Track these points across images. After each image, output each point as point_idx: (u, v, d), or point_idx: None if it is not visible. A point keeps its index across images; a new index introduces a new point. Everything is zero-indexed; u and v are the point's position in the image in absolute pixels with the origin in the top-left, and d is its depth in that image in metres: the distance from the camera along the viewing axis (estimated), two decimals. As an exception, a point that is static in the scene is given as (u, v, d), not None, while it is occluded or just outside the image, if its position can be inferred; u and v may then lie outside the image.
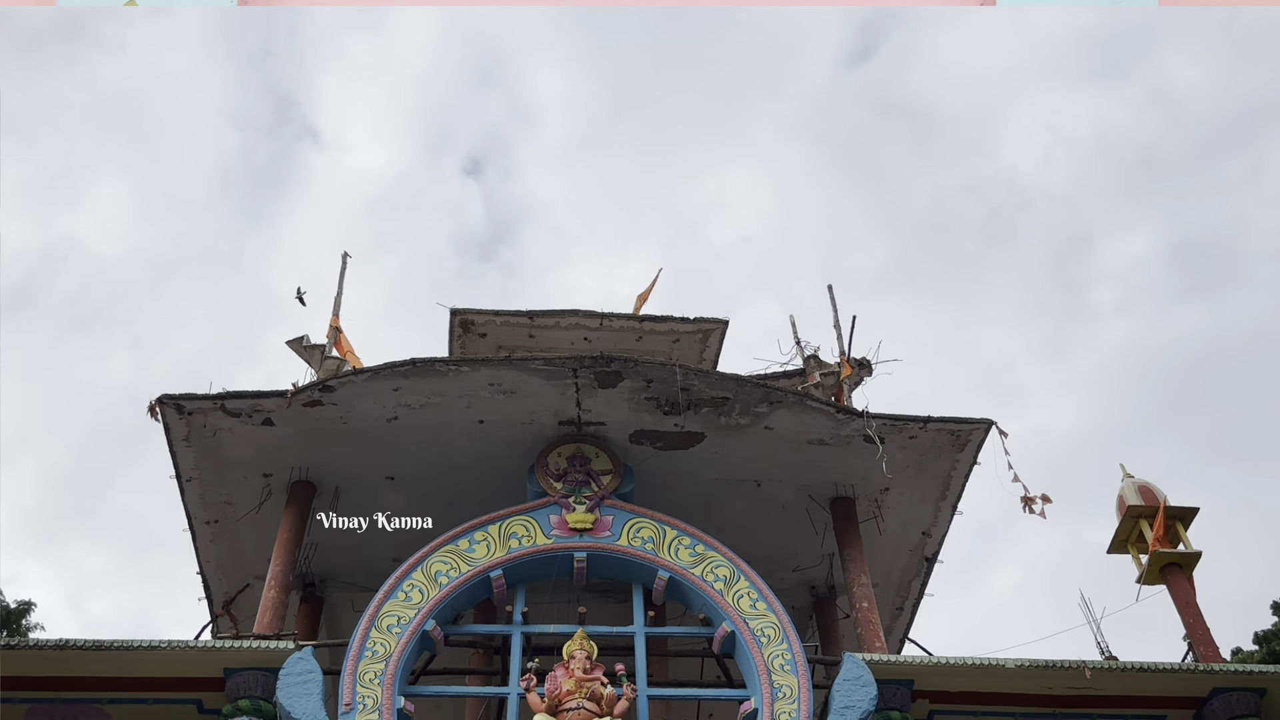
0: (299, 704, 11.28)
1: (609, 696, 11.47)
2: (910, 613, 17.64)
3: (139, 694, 12.32)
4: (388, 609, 12.28)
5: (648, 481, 14.65)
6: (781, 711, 11.72)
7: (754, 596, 12.85)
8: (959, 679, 12.78)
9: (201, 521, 15.30)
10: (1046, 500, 14.60)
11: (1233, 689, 12.79)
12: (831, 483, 15.28)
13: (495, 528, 13.30)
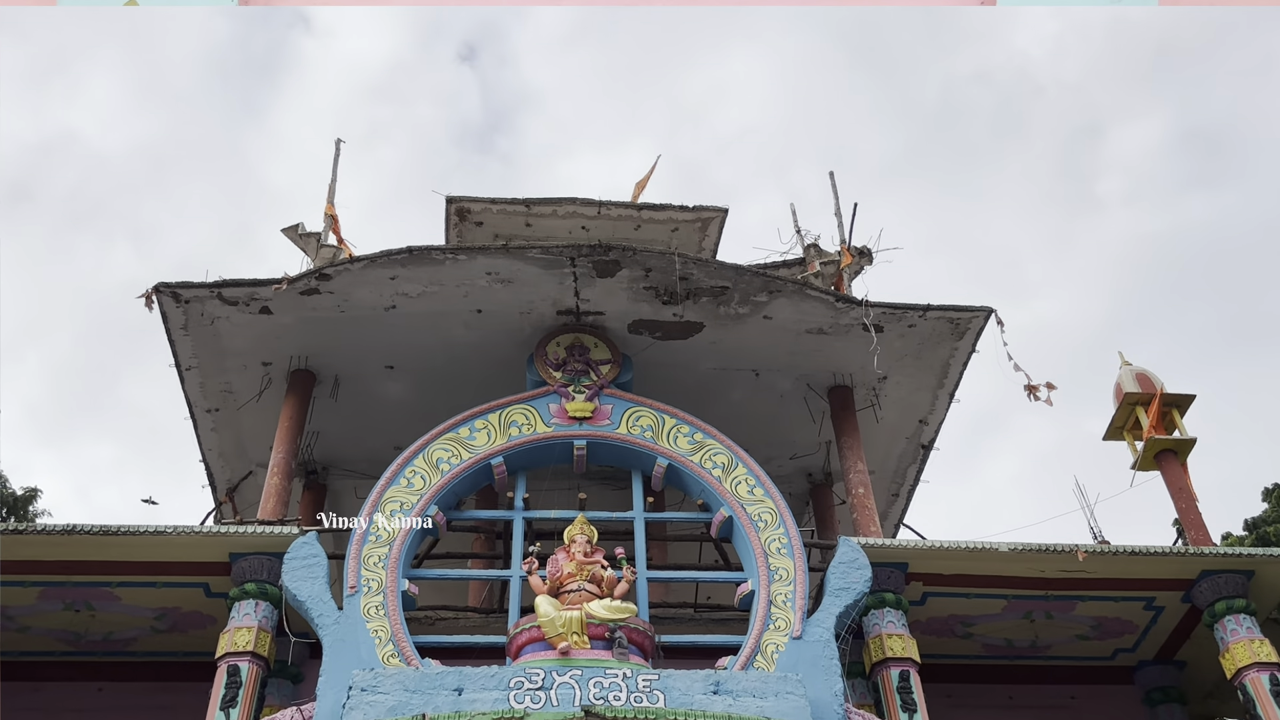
0: (304, 587, 11.48)
1: (609, 579, 11.68)
2: (906, 499, 17.88)
3: (147, 578, 12.56)
4: (390, 495, 12.43)
5: (646, 371, 14.70)
6: (778, 593, 11.95)
7: (751, 483, 13.00)
8: (952, 562, 13.02)
9: (202, 410, 15.39)
10: (1051, 388, 14.67)
11: (1221, 571, 13.04)
12: (830, 371, 15.33)
13: (495, 416, 13.38)
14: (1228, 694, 14.57)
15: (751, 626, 11.70)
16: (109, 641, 13.43)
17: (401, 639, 11.14)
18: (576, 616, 10.99)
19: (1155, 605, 13.67)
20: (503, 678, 10.29)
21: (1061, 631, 14.07)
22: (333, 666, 10.81)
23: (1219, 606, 12.91)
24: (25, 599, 12.71)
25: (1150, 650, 14.52)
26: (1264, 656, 12.38)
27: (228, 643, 11.71)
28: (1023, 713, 14.47)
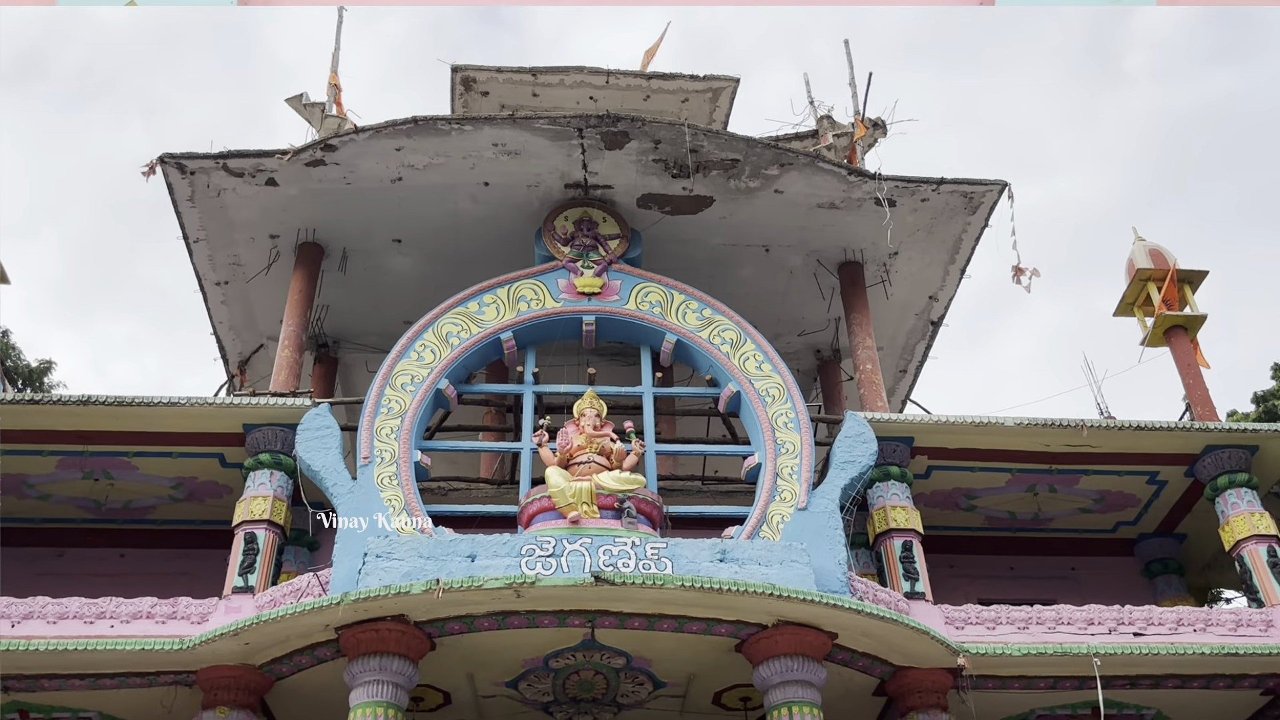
0: (318, 457, 11.66)
1: (618, 452, 11.83)
2: (913, 375, 17.96)
3: (163, 448, 12.76)
4: (401, 368, 12.51)
5: (655, 247, 14.61)
6: (784, 466, 12.10)
7: (760, 359, 13.04)
8: (958, 436, 13.13)
9: (211, 283, 15.41)
10: (1036, 274, 14.58)
11: (1225, 446, 13.15)
12: (840, 247, 15.23)
13: (504, 291, 13.36)
14: (1225, 566, 14.89)
15: (758, 498, 11.88)
16: (128, 510, 13.73)
17: (415, 508, 11.36)
18: (586, 487, 11.16)
19: (1158, 479, 13.83)
20: (514, 545, 10.50)
21: (1064, 504, 14.28)
22: (348, 535, 11.06)
23: (1221, 481, 13.06)
24: (44, 468, 12.94)
25: (1151, 523, 14.75)
26: (1263, 529, 12.58)
27: (244, 511, 11.95)
28: (1023, 583, 14.78)
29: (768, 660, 10.58)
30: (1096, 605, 11.95)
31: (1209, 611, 12.06)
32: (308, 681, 11.02)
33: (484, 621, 10.31)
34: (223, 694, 10.68)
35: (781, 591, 10.24)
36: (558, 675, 11.31)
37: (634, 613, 10.39)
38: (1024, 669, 11.56)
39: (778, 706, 10.45)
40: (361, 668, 10.17)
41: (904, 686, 11.35)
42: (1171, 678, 11.76)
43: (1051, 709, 12.32)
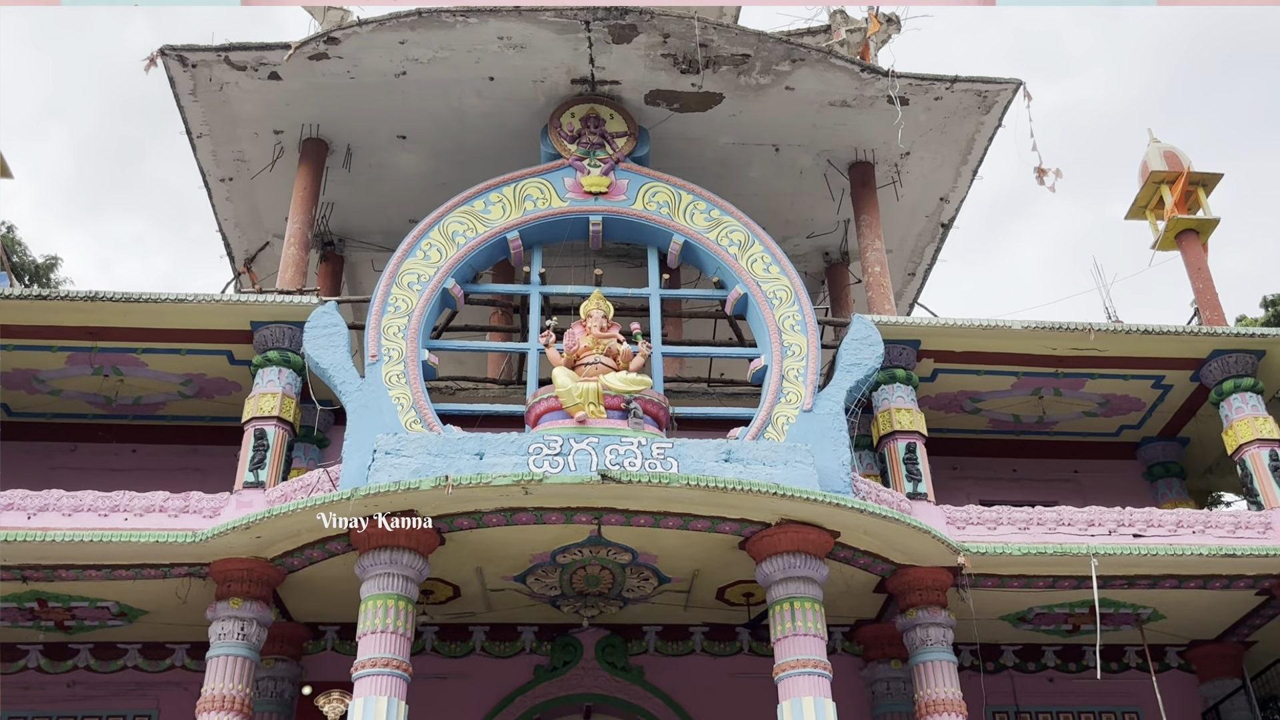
0: (326, 355, 11.69)
1: (625, 353, 11.84)
2: (922, 279, 17.88)
3: (172, 345, 12.80)
4: (407, 267, 12.46)
5: (663, 145, 14.41)
6: (790, 368, 12.13)
7: (767, 260, 12.96)
8: (964, 339, 13.12)
9: (215, 179, 15.27)
10: (1059, 175, 14.38)
11: (1232, 351, 13.14)
12: (851, 147, 15.01)
13: (510, 189, 13.23)
14: (1226, 469, 15.02)
15: (763, 400, 11.94)
16: (139, 406, 13.84)
17: (423, 406, 11.43)
18: (593, 388, 11.21)
19: (1164, 384, 13.86)
20: (522, 444, 10.60)
21: (1069, 408, 14.34)
22: (357, 431, 11.14)
23: (1227, 385, 13.09)
24: (54, 363, 13.01)
25: (1155, 427, 14.83)
26: (1266, 433, 12.65)
27: (253, 408, 12.05)
28: (1026, 485, 14.93)
29: (770, 557, 10.76)
30: (1097, 507, 12.08)
31: (1208, 514, 12.19)
32: (319, 574, 11.24)
33: (492, 518, 10.46)
34: (236, 586, 10.90)
35: (785, 491, 10.35)
36: (565, 570, 11.51)
37: (640, 510, 10.53)
38: (1024, 568, 11.75)
39: (779, 602, 10.65)
40: (372, 561, 10.36)
41: (904, 584, 11.55)
42: (1169, 578, 11.96)
43: (1049, 607, 12.55)
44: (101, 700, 12.53)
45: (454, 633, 12.96)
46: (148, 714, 12.53)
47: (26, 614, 11.84)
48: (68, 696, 12.52)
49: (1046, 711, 13.52)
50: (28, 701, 12.46)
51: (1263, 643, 13.31)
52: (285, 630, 12.33)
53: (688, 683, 13.00)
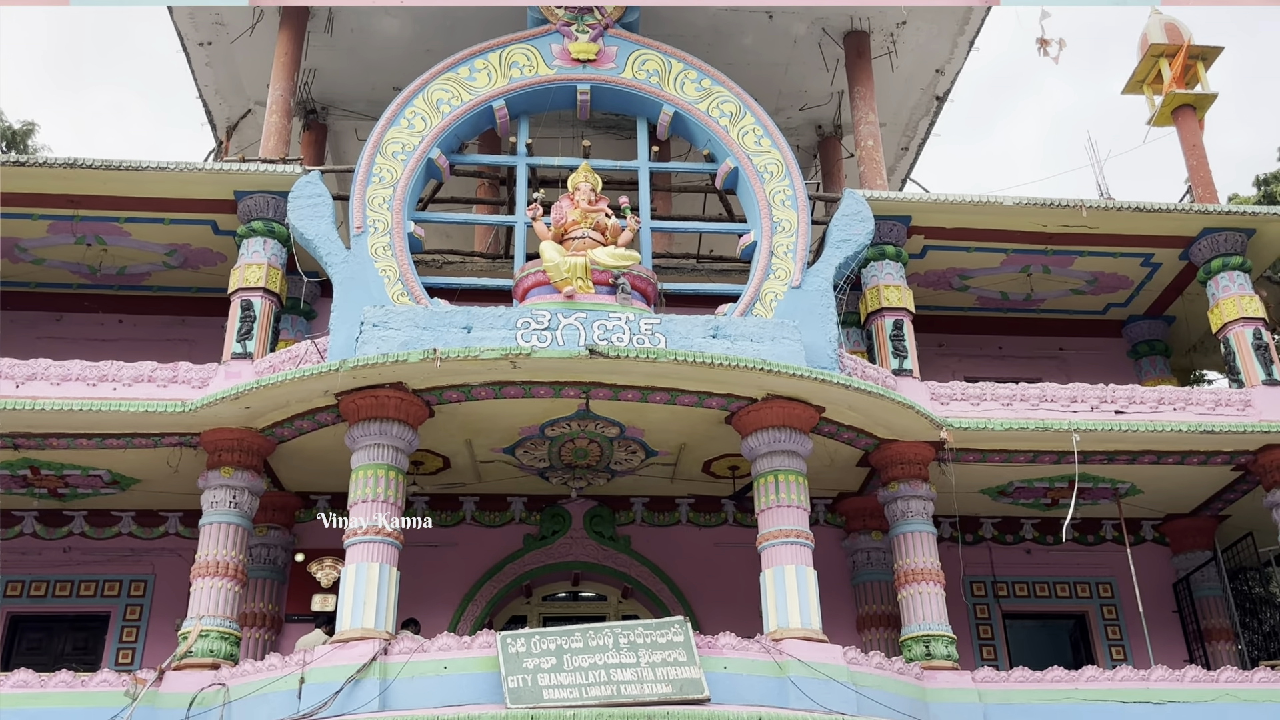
0: (311, 226, 11.57)
1: (613, 227, 11.74)
2: (915, 154, 17.66)
3: (154, 214, 12.63)
4: (391, 136, 12.23)
5: (653, 12, 14.00)
6: (780, 244, 12.06)
7: (759, 133, 12.75)
8: (956, 216, 13.04)
9: (194, 43, 14.87)
10: (1062, 45, 14.07)
11: (1223, 229, 13.10)
12: (847, 15, 14.63)
13: (495, 56, 12.89)
14: (1210, 348, 15.14)
15: (752, 276, 11.90)
16: (124, 276, 13.74)
17: (410, 279, 11.37)
18: (581, 262, 11.14)
19: (1153, 262, 13.85)
20: (510, 318, 10.59)
21: (1056, 285, 14.35)
22: (344, 303, 11.11)
23: (1215, 264, 13.09)
24: (35, 231, 12.85)
25: (1142, 306, 14.88)
26: (1251, 312, 12.71)
27: (239, 279, 11.97)
28: (1011, 362, 15.04)
29: (756, 432, 10.88)
30: (1080, 384, 12.20)
31: (1190, 391, 12.33)
32: (309, 444, 11.35)
33: (481, 391, 10.52)
34: (226, 455, 11.00)
35: (772, 366, 10.41)
36: (553, 443, 11.64)
37: (628, 385, 10.60)
38: (1005, 443, 11.92)
39: (764, 475, 10.82)
40: (362, 432, 10.45)
41: (887, 458, 11.73)
42: (1148, 454, 12.15)
43: (1029, 481, 12.79)
44: (97, 565, 12.77)
45: (444, 502, 13.17)
46: (143, 579, 12.79)
47: (20, 481, 11.97)
48: (64, 561, 12.76)
49: (1023, 582, 13.90)
50: (25, 566, 12.69)
51: (1235, 517, 13.63)
52: (277, 499, 12.51)
53: (674, 552, 13.29)
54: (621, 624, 9.86)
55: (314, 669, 9.42)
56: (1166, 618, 13.69)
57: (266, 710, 9.42)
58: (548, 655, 9.33)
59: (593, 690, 9.15)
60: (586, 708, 9.00)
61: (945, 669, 10.84)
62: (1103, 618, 13.81)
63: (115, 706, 9.77)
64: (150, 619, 12.59)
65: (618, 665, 9.32)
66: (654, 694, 9.16)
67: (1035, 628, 14.19)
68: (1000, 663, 13.19)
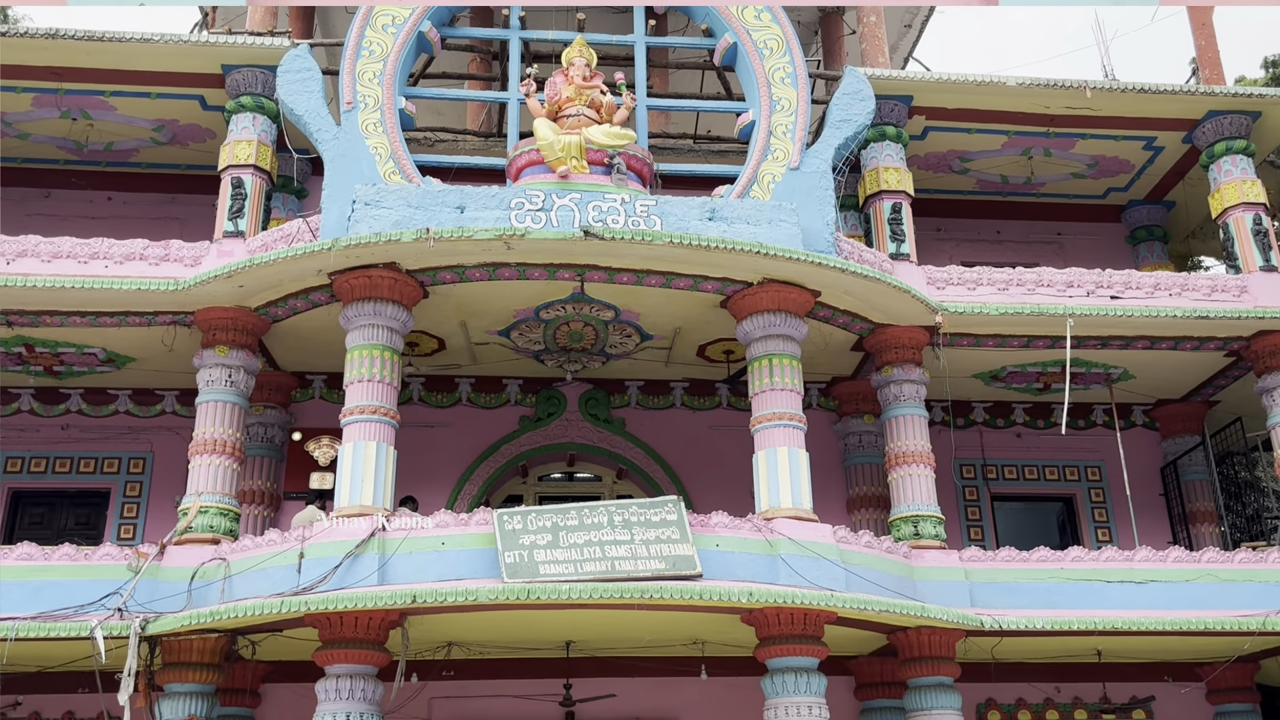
0: (300, 100, 11.32)
1: (608, 105, 11.50)
2: (918, 31, 17.27)
3: (141, 87, 12.34)
4: (381, 8, 11.87)
5: (653, -122, 13.47)
6: (779, 124, 11.84)
7: (759, 7, 12.39)
8: (958, 96, 12.80)
9: (176, -90, 14.35)
10: None
11: (1228, 112, 12.89)
12: (852, -115, 14.14)
13: (489, -75, 12.43)
14: (1209, 234, 15.06)
15: (750, 156, 11.72)
16: (112, 153, 13.51)
17: (401, 156, 11.18)
18: (576, 141, 10.96)
19: (1155, 145, 13.66)
20: (504, 198, 10.46)
21: (1057, 169, 14.18)
22: (335, 181, 10.95)
23: (1219, 147, 12.91)
24: (19, 105, 12.58)
25: (1142, 190, 14.73)
26: (1252, 197, 12.59)
27: (229, 155, 11.77)
28: (1009, 247, 14.96)
29: (751, 316, 10.87)
30: (1077, 268, 12.15)
31: (1186, 276, 12.29)
32: (304, 324, 11.33)
33: (475, 272, 10.46)
34: (221, 334, 10.99)
35: (768, 250, 10.34)
36: (548, 326, 11.63)
37: (623, 268, 10.54)
38: (1000, 328, 11.93)
39: (759, 359, 10.85)
40: (356, 312, 10.42)
41: (882, 342, 11.75)
42: (1142, 339, 12.18)
43: (1022, 366, 12.84)
44: (96, 443, 12.86)
45: (440, 384, 13.22)
46: (142, 457, 12.91)
47: (15, 359, 11.98)
48: (63, 439, 12.85)
49: (1012, 465, 14.08)
50: (24, 442, 12.79)
51: (1225, 403, 13.74)
52: (273, 379, 12.55)
53: (668, 434, 13.41)
54: (616, 503, 10.02)
55: (313, 544, 9.58)
56: (1153, 501, 13.92)
57: (267, 584, 9.61)
58: (544, 532, 9.49)
59: (588, 566, 9.33)
60: (582, 583, 9.19)
61: (933, 548, 11.05)
62: (1090, 500, 14.04)
63: (118, 579, 9.96)
64: (150, 496, 12.74)
65: (612, 542, 9.49)
66: (648, 570, 9.35)
67: (1023, 510, 14.43)
68: (987, 544, 13.45)
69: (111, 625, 9.66)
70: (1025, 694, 12.75)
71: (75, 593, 9.85)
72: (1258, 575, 11.12)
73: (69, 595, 9.84)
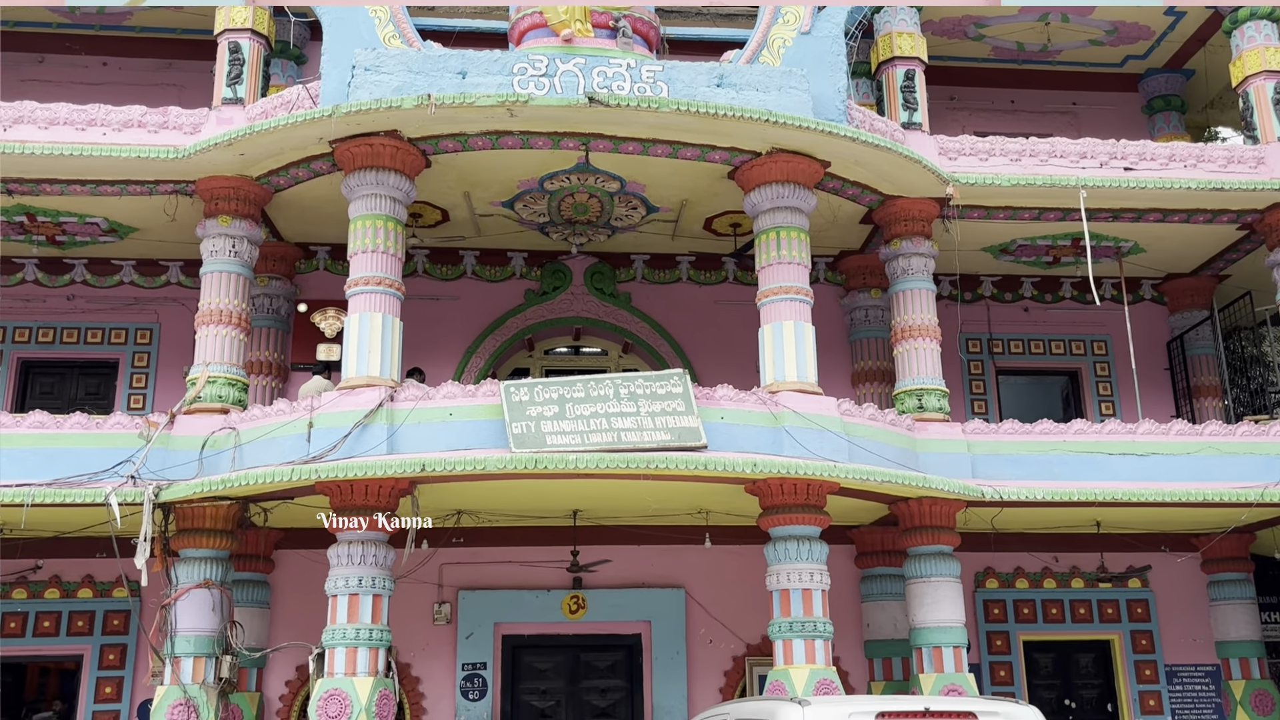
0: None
1: (615, -34, 11.13)
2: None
3: (130, -51, 11.96)
4: None
5: None
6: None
7: None
8: (976, -41, 12.37)
9: None
10: None
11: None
12: None
13: None
14: (1228, 104, 14.74)
15: (759, 20, 11.35)
16: (105, 15, 13.13)
17: (401, 20, 10.86)
18: (580, 4, 10.64)
19: (1176, 10, 13.23)
20: (506, 63, 10.21)
21: (1075, 35, 13.78)
22: (334, 46, 10.67)
23: (1243, 12, 12.50)
24: (8, -32, 12.23)
25: (1161, 58, 14.35)
26: (1275, 64, 12.25)
27: (225, 19, 11.46)
28: (1023, 117, 14.66)
29: (759, 187, 10.73)
30: (1091, 139, 11.91)
31: (1202, 147, 12.05)
32: (306, 193, 11.21)
33: (478, 140, 10.29)
34: (223, 204, 10.88)
35: (777, 118, 10.14)
36: (553, 197, 11.49)
37: (628, 137, 10.36)
38: (1012, 200, 11.77)
39: (766, 231, 10.74)
40: (358, 181, 10.29)
41: (891, 215, 11.61)
42: (1154, 211, 12.02)
43: (1032, 239, 12.72)
44: (102, 313, 12.87)
45: (445, 256, 13.15)
46: (149, 328, 12.93)
47: (17, 228, 11.89)
48: (69, 309, 12.86)
49: (1018, 339, 14.07)
50: (30, 313, 12.81)
51: (1235, 277, 13.65)
52: (277, 250, 12.48)
53: (674, 308, 13.38)
54: (622, 375, 10.06)
55: (322, 414, 9.66)
56: (1158, 376, 13.94)
57: (277, 452, 9.73)
58: (550, 404, 9.55)
59: (594, 437, 9.42)
60: (588, 453, 9.29)
61: (936, 420, 11.12)
62: (1095, 375, 14.07)
63: (130, 448, 10.08)
64: (158, 367, 12.82)
65: (618, 414, 9.56)
66: (653, 441, 9.44)
67: (1028, 384, 14.49)
68: (991, 418, 13.54)
69: (125, 492, 9.81)
70: (1024, 563, 13.02)
71: (88, 460, 9.98)
72: (1259, 448, 11.21)
73: (82, 463, 9.97)
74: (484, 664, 12.11)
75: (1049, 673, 13.05)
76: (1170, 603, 13.08)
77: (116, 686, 11.71)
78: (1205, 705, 12.88)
